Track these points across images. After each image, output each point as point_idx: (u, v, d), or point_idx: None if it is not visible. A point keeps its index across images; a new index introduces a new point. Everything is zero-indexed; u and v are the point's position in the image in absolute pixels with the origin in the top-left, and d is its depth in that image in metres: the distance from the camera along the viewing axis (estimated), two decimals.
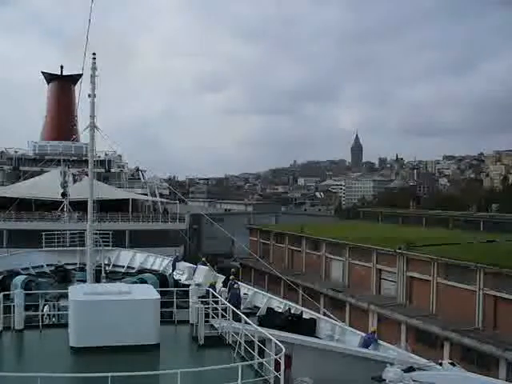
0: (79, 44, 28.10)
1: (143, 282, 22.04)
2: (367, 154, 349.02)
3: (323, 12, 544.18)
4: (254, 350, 12.14)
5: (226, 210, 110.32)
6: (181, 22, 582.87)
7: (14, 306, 15.19)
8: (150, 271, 28.61)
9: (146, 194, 58.33)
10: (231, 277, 23.55)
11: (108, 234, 30.61)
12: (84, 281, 22.53)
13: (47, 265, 30.35)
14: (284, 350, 10.86)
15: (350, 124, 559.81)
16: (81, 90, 34.94)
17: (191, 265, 29.44)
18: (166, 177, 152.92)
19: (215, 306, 15.18)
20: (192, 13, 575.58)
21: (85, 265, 23.95)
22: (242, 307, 20.67)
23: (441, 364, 15.35)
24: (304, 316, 20.18)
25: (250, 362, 11.71)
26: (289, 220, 74.68)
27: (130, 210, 51.62)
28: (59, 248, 32.08)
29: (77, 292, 14.98)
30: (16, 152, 63.48)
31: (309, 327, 19.14)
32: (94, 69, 21.65)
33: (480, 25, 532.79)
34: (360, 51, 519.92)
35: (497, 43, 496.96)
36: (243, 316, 13.74)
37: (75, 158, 59.17)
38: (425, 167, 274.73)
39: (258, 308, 22.19)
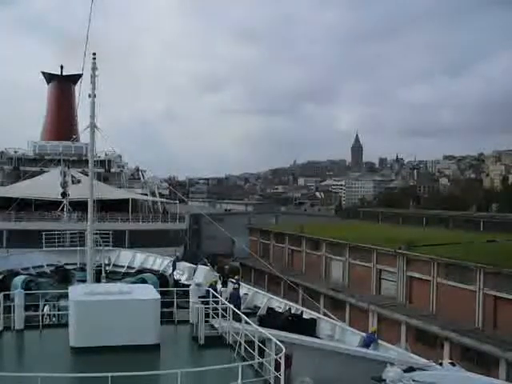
0: (79, 44, 28.15)
1: (143, 281, 22.06)
2: (367, 154, 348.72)
3: (323, 12, 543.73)
4: (254, 350, 12.12)
5: (226, 210, 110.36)
6: (181, 24, 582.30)
7: (14, 305, 15.19)
8: (150, 271, 28.59)
9: (146, 194, 58.34)
10: (236, 277, 23.65)
11: (108, 234, 30.62)
12: (84, 281, 22.50)
13: (47, 265, 30.30)
14: (284, 349, 10.85)
15: (350, 124, 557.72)
16: (81, 90, 35.00)
17: (191, 265, 29.45)
18: (165, 177, 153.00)
19: (215, 305, 15.18)
20: (192, 14, 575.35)
21: (85, 265, 23.94)
22: (242, 307, 20.67)
23: (441, 364, 15.34)
24: (304, 316, 20.17)
25: (250, 361, 11.70)
26: (289, 220, 74.68)
27: (130, 210, 51.61)
28: (59, 248, 32.05)
29: (77, 292, 14.98)
30: (16, 152, 63.59)
31: (309, 327, 19.12)
32: (94, 69, 21.60)
33: (480, 25, 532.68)
34: (360, 51, 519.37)
35: (496, 43, 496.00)
36: (243, 316, 13.73)
37: (75, 158, 59.24)
38: (425, 167, 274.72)
39: (258, 308, 22.17)
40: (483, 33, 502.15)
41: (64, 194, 46.27)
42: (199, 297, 16.67)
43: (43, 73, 76.35)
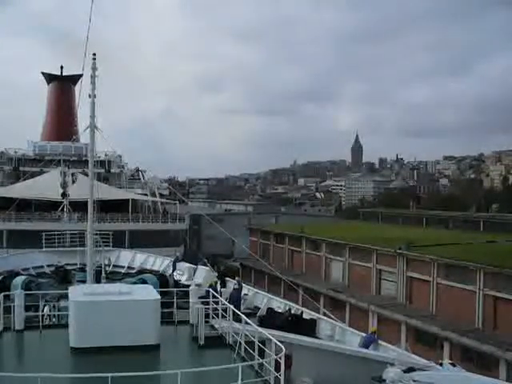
0: (80, 44, 28.16)
1: (143, 282, 22.07)
2: (367, 155, 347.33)
3: (322, 12, 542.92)
4: (254, 351, 12.13)
5: (226, 210, 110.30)
6: (181, 24, 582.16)
7: (14, 306, 15.19)
8: (150, 271, 28.64)
9: (146, 195, 58.33)
10: (237, 278, 23.76)
11: (108, 234, 30.68)
12: (84, 281, 22.53)
13: (47, 265, 30.32)
14: (284, 350, 10.86)
15: (350, 124, 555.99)
16: (81, 90, 34.99)
17: (191, 265, 29.46)
18: (166, 177, 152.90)
19: (215, 306, 15.19)
20: (192, 14, 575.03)
21: (85, 265, 23.96)
22: (242, 307, 20.69)
23: (441, 364, 15.34)
24: (304, 316, 20.18)
25: (251, 362, 11.70)
26: (289, 220, 74.64)
27: (130, 210, 51.59)
28: (59, 248, 32.06)
29: (77, 292, 14.99)
30: (16, 152, 63.51)
31: (309, 327, 19.13)
32: (94, 69, 21.64)
33: (480, 25, 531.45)
34: (360, 51, 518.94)
35: (496, 43, 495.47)
36: (243, 316, 13.74)
37: (75, 158, 59.24)
38: (425, 167, 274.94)
39: (259, 308, 22.18)
40: (483, 33, 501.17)
41: (64, 195, 46.36)
42: (199, 297, 16.68)
43: (43, 73, 76.31)
